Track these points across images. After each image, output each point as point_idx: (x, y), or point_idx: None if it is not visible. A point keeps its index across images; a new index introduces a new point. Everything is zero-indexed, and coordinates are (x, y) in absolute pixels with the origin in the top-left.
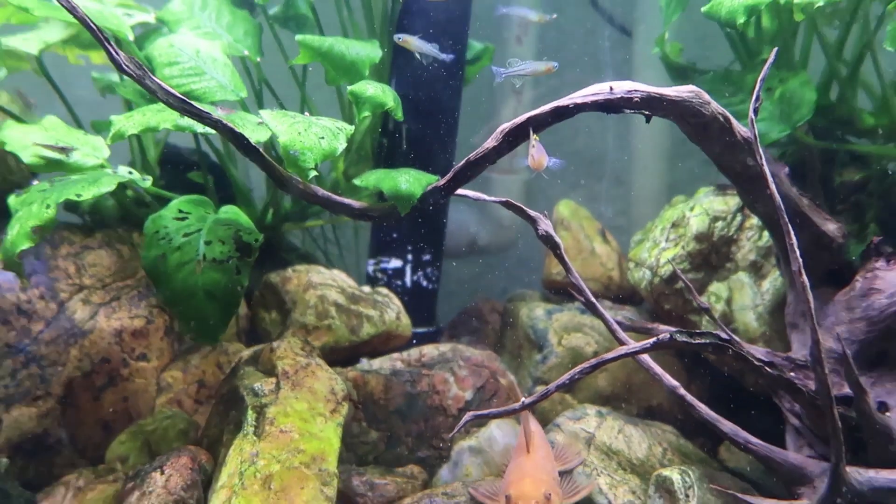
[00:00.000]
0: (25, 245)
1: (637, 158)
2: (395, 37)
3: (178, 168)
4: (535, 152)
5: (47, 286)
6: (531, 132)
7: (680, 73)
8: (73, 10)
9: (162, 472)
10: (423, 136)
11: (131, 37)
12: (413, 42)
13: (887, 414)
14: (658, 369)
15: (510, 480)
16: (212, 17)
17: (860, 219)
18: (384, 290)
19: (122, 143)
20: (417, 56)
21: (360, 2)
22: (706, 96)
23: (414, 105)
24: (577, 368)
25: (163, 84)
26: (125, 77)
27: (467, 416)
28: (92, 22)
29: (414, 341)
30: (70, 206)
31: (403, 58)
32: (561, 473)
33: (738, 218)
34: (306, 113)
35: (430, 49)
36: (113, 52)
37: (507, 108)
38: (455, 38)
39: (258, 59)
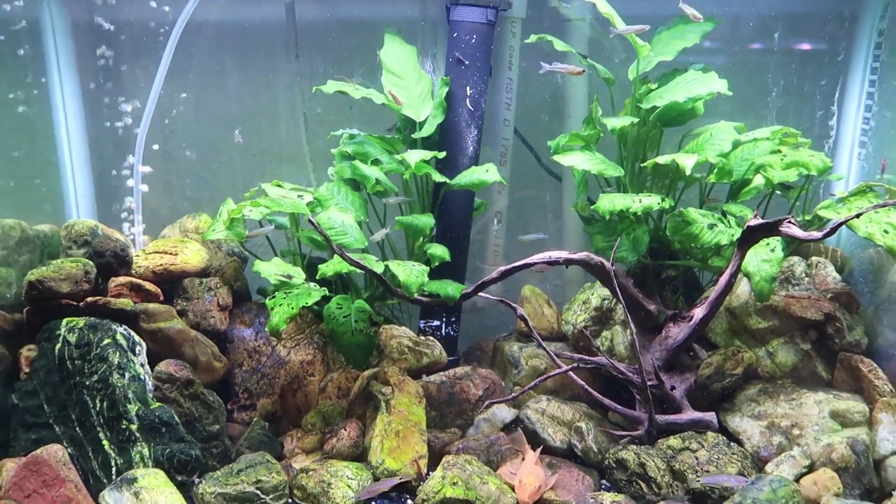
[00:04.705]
0: (283, 326)
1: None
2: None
3: (316, 268)
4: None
5: (265, 338)
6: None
7: (586, 221)
8: (324, 235)
9: (345, 429)
10: (452, 251)
11: (308, 213)
12: None
13: (673, 391)
14: (574, 376)
15: (520, 473)
16: (343, 197)
17: (676, 293)
18: (431, 339)
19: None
20: None
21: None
22: (592, 255)
23: (448, 236)
24: (534, 381)
25: (351, 256)
26: (302, 228)
27: (485, 403)
28: (338, 248)
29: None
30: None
31: (441, 217)
32: None
33: (615, 299)
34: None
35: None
36: (336, 249)
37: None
38: (469, 201)
39: (367, 220)
